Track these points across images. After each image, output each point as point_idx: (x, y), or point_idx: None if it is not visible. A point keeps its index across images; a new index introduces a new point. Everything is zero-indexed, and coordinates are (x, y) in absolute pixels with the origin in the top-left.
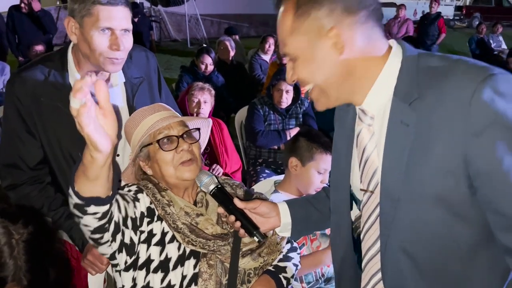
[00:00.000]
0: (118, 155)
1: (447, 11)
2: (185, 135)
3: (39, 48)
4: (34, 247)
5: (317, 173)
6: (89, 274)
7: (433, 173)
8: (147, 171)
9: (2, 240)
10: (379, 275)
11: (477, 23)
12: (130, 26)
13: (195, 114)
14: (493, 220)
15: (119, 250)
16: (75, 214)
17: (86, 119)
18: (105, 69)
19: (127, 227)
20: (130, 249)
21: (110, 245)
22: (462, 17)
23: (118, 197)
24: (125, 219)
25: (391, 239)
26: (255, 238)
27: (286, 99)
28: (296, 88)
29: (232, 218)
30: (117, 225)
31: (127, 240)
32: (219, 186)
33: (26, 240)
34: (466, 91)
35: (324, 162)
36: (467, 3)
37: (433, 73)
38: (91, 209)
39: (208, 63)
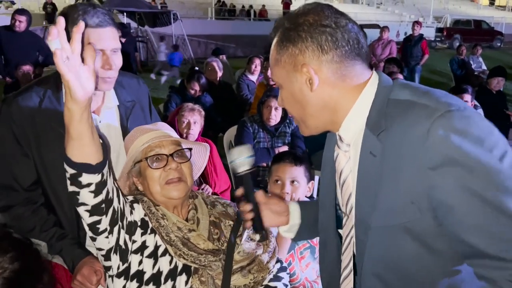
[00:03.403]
0: None
1: (429, 33)
2: (175, 154)
3: (27, 68)
4: (15, 285)
5: (274, 182)
6: None
7: (398, 203)
8: (139, 187)
9: None
10: None
11: (457, 44)
12: (119, 45)
13: (184, 135)
14: (460, 249)
15: (115, 249)
16: (73, 192)
17: (65, 66)
18: (98, 88)
19: (123, 227)
20: (123, 254)
21: (107, 237)
22: (443, 38)
23: (120, 192)
24: (122, 214)
25: (365, 264)
26: (257, 236)
27: (275, 116)
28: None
29: (248, 207)
30: (115, 213)
31: (121, 242)
32: (252, 170)
33: (7, 277)
34: (423, 126)
35: (277, 170)
36: (448, 25)
37: (400, 106)
38: (84, 178)
39: (197, 89)
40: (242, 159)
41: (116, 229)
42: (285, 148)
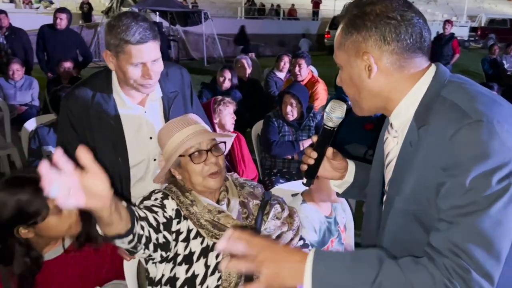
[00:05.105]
0: (155, 160)
1: (462, 32)
2: (213, 149)
3: (68, 65)
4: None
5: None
6: (124, 261)
7: (415, 193)
8: (176, 176)
9: None
10: None
11: (491, 43)
12: (159, 55)
13: (217, 128)
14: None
15: (155, 250)
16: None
17: (69, 201)
18: (138, 91)
19: (159, 232)
20: (165, 246)
21: (144, 252)
22: (477, 38)
23: (147, 212)
24: (156, 228)
25: (380, 241)
26: (305, 180)
27: (291, 111)
28: (302, 103)
29: (313, 155)
30: (148, 238)
31: (161, 241)
32: (333, 129)
33: None
34: (452, 129)
35: None
36: (482, 24)
37: (445, 105)
38: (117, 241)
39: (227, 77)
40: (331, 115)
41: (151, 245)
42: (309, 141)
